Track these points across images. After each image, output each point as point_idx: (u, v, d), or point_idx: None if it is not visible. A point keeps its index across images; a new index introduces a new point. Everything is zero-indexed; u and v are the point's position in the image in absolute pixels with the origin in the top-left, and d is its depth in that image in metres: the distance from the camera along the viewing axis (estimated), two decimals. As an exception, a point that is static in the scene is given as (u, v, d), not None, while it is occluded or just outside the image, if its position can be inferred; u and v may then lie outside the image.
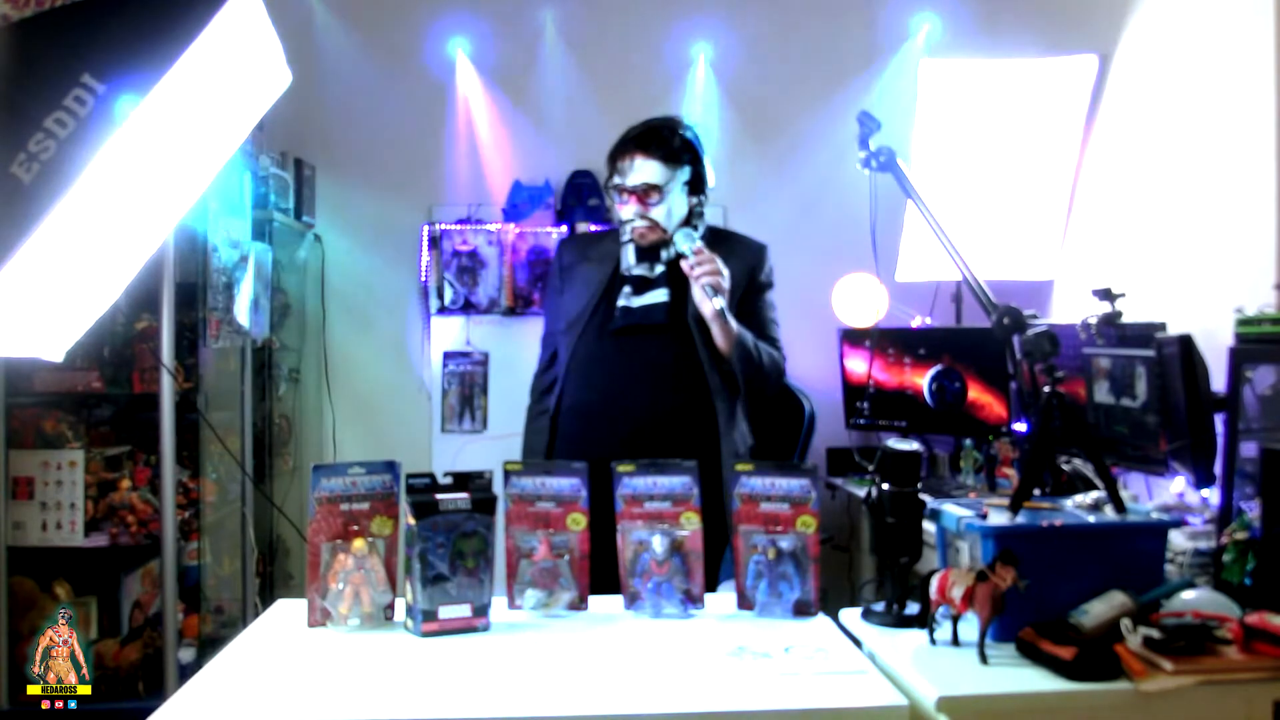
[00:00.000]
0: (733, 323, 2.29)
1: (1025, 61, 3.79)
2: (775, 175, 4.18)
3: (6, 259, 1.66)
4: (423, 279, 4.17)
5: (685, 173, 2.38)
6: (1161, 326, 2.52)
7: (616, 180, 2.37)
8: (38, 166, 1.67)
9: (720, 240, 2.42)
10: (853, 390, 3.94)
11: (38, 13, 1.76)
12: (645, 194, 2.34)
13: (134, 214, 1.91)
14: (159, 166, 1.89)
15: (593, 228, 4.03)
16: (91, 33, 1.74)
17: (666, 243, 2.37)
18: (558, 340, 2.47)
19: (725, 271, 2.27)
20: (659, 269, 2.37)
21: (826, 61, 4.17)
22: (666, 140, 2.36)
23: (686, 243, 2.30)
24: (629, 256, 2.40)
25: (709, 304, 2.25)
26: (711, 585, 2.23)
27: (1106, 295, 2.45)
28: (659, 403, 2.34)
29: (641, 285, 2.38)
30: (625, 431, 2.29)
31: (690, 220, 2.40)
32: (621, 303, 2.37)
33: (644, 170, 2.33)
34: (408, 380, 4.20)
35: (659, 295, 2.36)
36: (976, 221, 3.79)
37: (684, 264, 2.29)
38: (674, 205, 2.36)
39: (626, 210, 2.36)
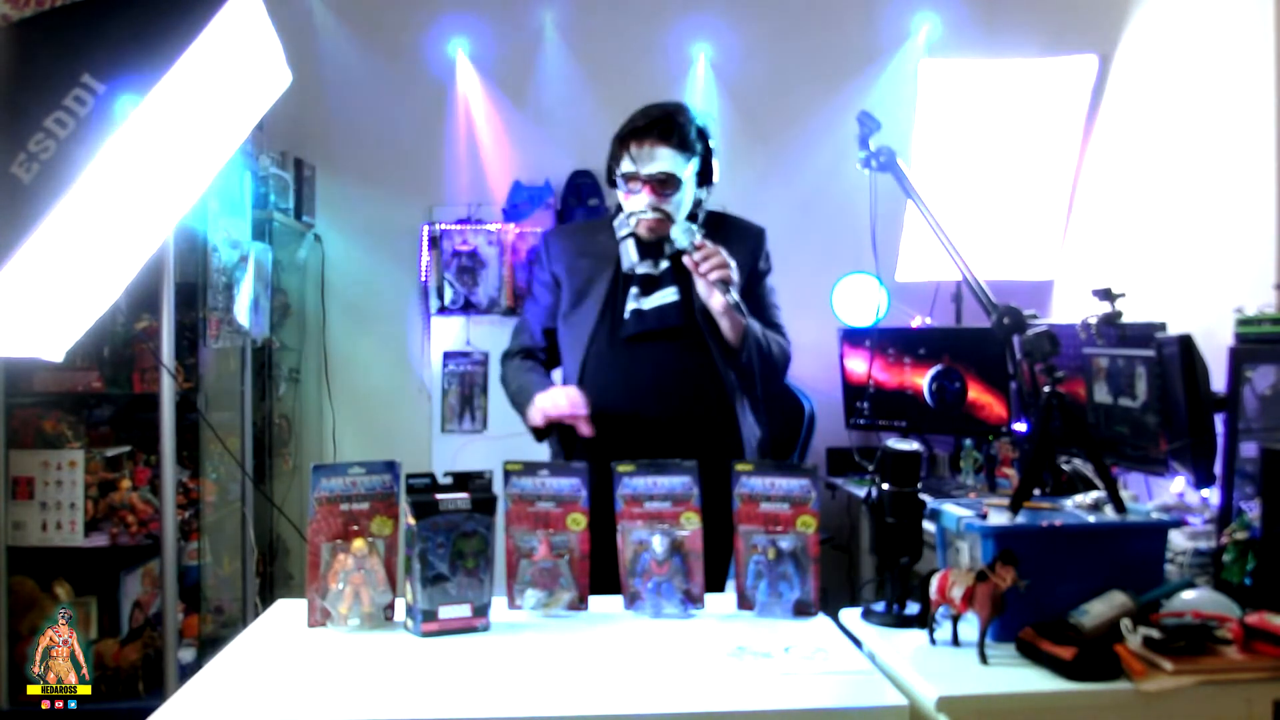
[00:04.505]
0: (742, 314, 2.18)
1: (1025, 61, 3.79)
2: (775, 175, 4.18)
3: (6, 259, 1.67)
4: (423, 279, 4.17)
5: (696, 164, 2.25)
6: (1161, 326, 2.52)
7: (629, 168, 2.21)
8: (38, 166, 1.68)
9: (719, 226, 2.31)
10: (853, 390, 3.94)
11: (38, 13, 1.76)
12: (661, 184, 2.21)
13: (134, 214, 1.91)
14: (159, 166, 1.89)
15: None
16: (91, 33, 1.74)
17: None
18: (560, 342, 2.35)
19: (733, 263, 2.17)
20: (664, 264, 2.27)
21: (826, 61, 4.18)
22: (683, 128, 2.22)
23: (686, 238, 2.18)
24: (631, 253, 2.27)
25: (720, 298, 2.16)
26: (720, 583, 2.14)
27: (1106, 295, 2.44)
28: (678, 409, 2.24)
29: (648, 284, 2.26)
30: (646, 440, 2.16)
31: (693, 213, 2.29)
32: (632, 306, 2.25)
33: (662, 159, 2.20)
34: (408, 380, 4.21)
35: (669, 294, 2.25)
36: (976, 221, 3.78)
37: (687, 260, 2.19)
38: (686, 198, 2.25)
39: (636, 200, 2.22)
